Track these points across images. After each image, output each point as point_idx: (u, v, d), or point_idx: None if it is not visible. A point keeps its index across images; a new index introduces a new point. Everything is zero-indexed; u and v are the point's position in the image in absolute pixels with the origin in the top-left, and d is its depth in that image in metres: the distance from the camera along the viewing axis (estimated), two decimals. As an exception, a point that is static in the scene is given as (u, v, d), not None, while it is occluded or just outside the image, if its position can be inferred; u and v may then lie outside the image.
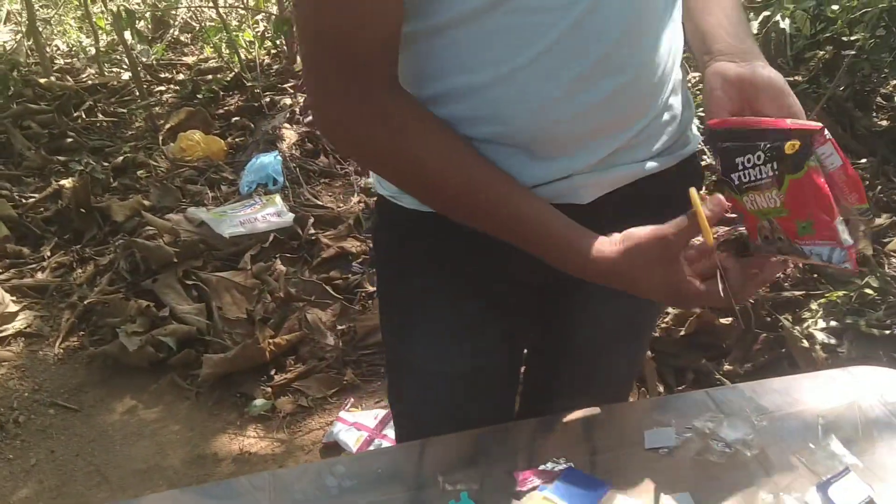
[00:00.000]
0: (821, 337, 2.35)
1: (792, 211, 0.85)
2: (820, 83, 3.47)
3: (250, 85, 4.68)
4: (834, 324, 2.38)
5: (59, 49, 6.17)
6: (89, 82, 5.27)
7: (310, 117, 4.33)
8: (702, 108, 1.00)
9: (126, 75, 5.22)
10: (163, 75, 5.31)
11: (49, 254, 3.45)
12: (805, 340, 2.34)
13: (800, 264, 0.86)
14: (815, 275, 2.65)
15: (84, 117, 4.71)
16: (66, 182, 3.81)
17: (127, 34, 4.79)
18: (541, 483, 1.01)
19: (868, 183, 3.12)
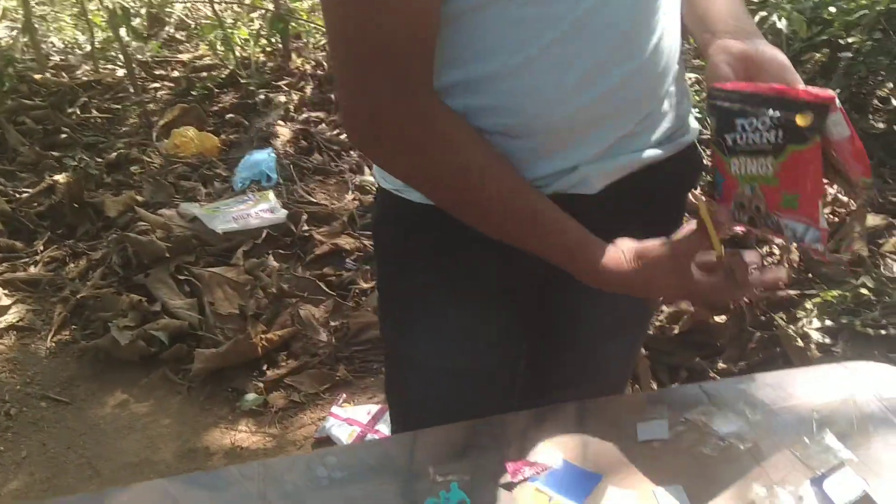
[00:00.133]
0: (816, 336, 2.34)
1: (782, 182, 0.85)
2: (816, 86, 3.46)
3: (245, 82, 4.67)
4: (829, 323, 2.38)
5: (54, 45, 6.15)
6: (84, 79, 5.24)
7: (305, 115, 4.34)
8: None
9: (121, 72, 5.20)
10: (158, 72, 5.29)
11: (42, 248, 3.44)
12: (800, 340, 2.34)
13: (772, 238, 0.88)
14: (810, 274, 2.65)
15: (78, 113, 4.69)
16: (60, 177, 3.79)
17: (122, 31, 4.77)
18: (532, 474, 1.00)
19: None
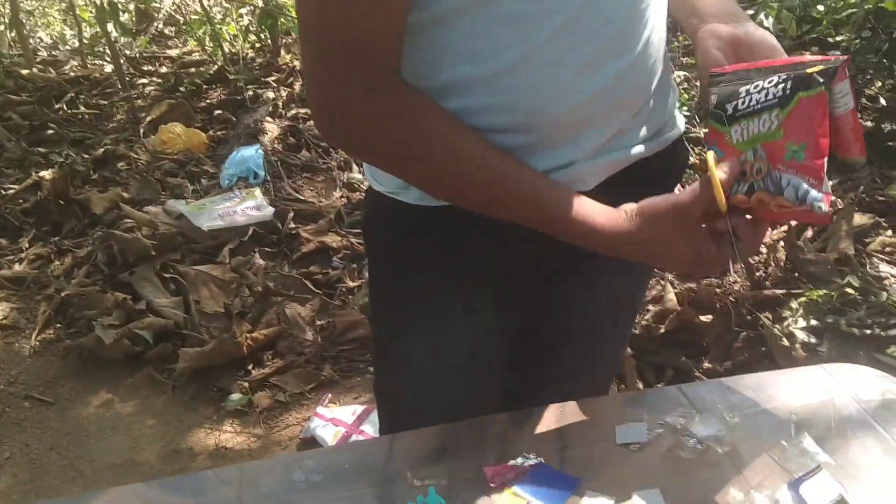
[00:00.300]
0: (801, 336, 2.34)
1: (788, 132, 0.84)
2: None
3: (233, 78, 4.65)
4: (814, 323, 2.38)
5: (42, 41, 6.13)
6: (72, 74, 5.22)
7: (294, 111, 4.32)
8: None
9: (109, 68, 5.18)
10: (146, 68, 5.28)
11: (27, 245, 3.43)
12: (785, 339, 2.34)
13: (770, 205, 0.84)
14: (796, 273, 2.65)
15: (65, 109, 4.67)
16: (46, 174, 3.77)
17: (110, 26, 4.75)
18: (510, 478, 1.00)
19: (851, 183, 3.13)
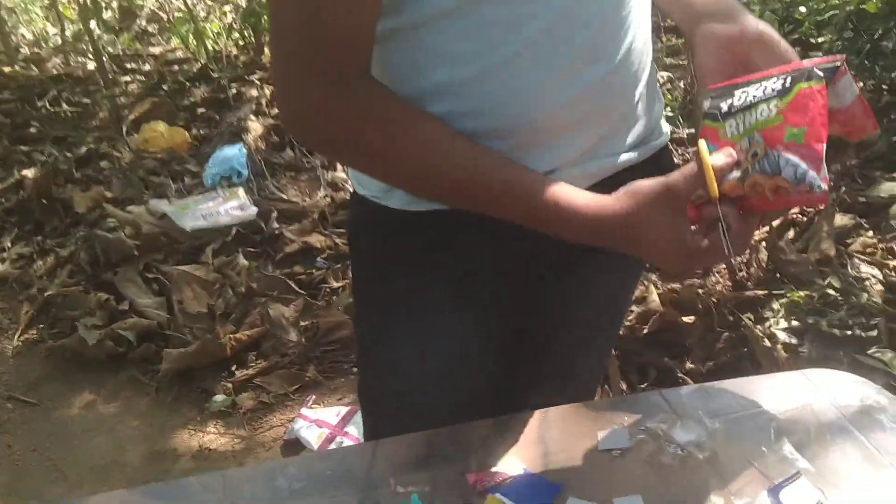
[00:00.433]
0: (782, 337, 2.36)
1: (787, 118, 0.84)
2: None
3: (217, 76, 4.64)
4: (796, 324, 2.40)
5: (24, 38, 6.09)
6: (54, 72, 5.20)
7: (277, 110, 4.30)
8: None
9: (92, 65, 5.15)
10: (129, 66, 5.24)
11: (9, 245, 3.42)
12: (767, 340, 2.35)
13: (765, 190, 0.83)
14: (778, 274, 2.67)
15: (48, 107, 4.65)
16: (29, 172, 3.76)
17: (93, 24, 4.72)
18: (493, 484, 1.00)
19: (833, 184, 3.15)
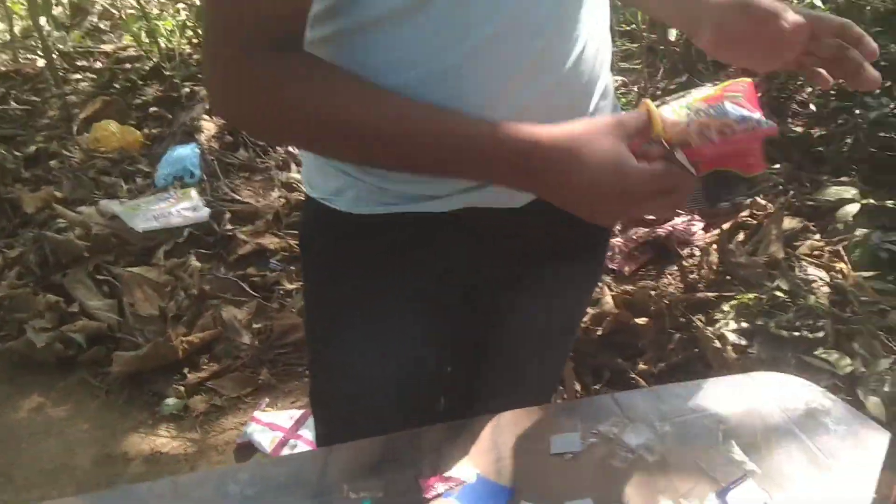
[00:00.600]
0: (732, 338, 2.39)
1: (725, 91, 0.88)
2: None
3: (169, 75, 4.57)
4: (745, 325, 2.44)
5: (-29, 33, 5.96)
6: (2, 69, 5.09)
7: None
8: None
9: (41, 62, 5.05)
10: (79, 63, 5.15)
11: (-45, 246, 3.34)
12: (717, 341, 2.39)
13: (712, 131, 0.82)
14: (728, 277, 2.71)
15: (-4, 105, 4.56)
16: (-25, 172, 3.68)
17: (43, 20, 4.63)
18: (446, 490, 1.00)
19: (781, 187, 3.20)
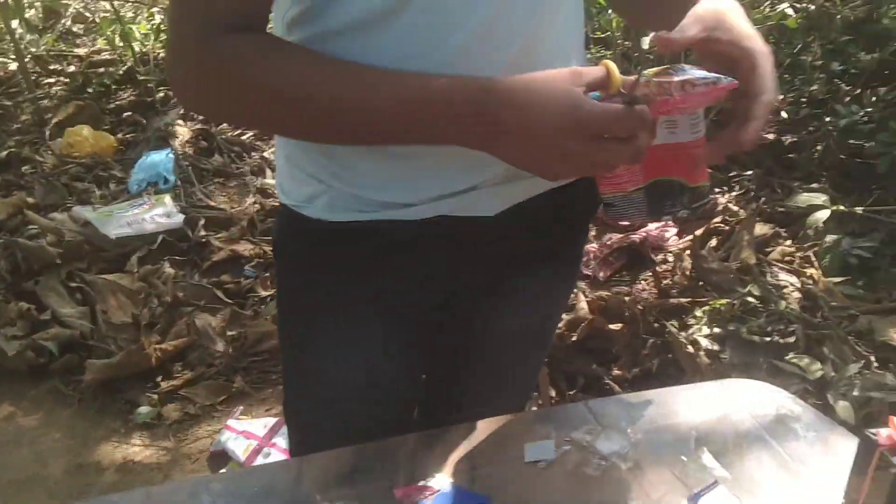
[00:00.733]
0: (705, 343, 2.41)
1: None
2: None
3: (143, 79, 4.54)
4: (717, 330, 2.46)
5: (-60, 36, 5.90)
6: (-27, 72, 5.05)
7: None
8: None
9: (13, 66, 5.01)
10: (52, 67, 5.11)
11: (-75, 252, 3.29)
12: (690, 346, 2.40)
13: (671, 87, 0.82)
14: (701, 282, 2.73)
15: (-33, 109, 4.52)
16: (-55, 177, 3.64)
17: (15, 23, 4.59)
18: (420, 499, 1.00)
19: (753, 194, 3.23)
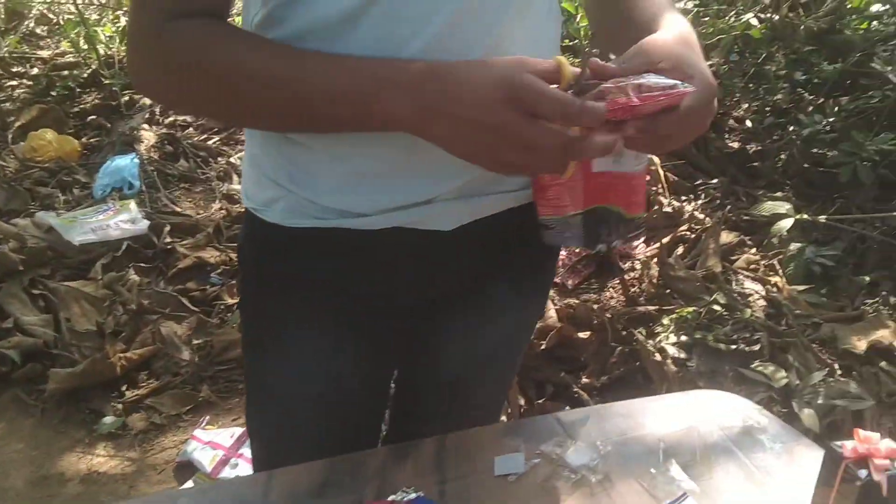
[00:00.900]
0: (672, 351, 2.43)
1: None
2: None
3: (108, 82, 4.49)
4: (684, 338, 2.48)
5: None
6: (-66, 74, 4.96)
7: (172, 118, 4.23)
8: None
9: (-26, 68, 4.95)
10: (15, 69, 5.03)
11: None
12: (658, 354, 2.42)
13: (628, 89, 0.80)
14: (668, 290, 2.75)
15: (-73, 112, 4.43)
16: None
17: (-24, 25, 4.54)
18: (389, 513, 1.00)
19: (719, 202, 3.27)
